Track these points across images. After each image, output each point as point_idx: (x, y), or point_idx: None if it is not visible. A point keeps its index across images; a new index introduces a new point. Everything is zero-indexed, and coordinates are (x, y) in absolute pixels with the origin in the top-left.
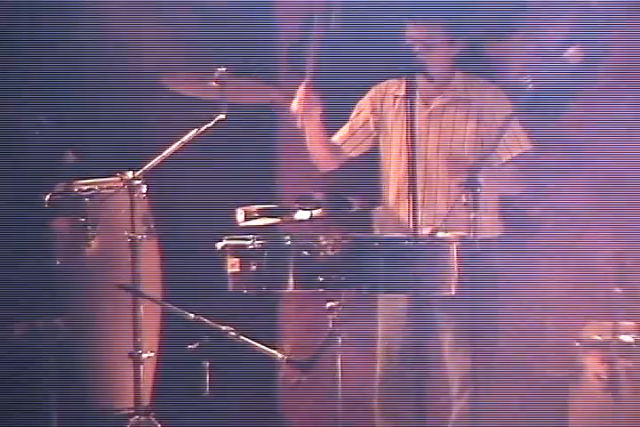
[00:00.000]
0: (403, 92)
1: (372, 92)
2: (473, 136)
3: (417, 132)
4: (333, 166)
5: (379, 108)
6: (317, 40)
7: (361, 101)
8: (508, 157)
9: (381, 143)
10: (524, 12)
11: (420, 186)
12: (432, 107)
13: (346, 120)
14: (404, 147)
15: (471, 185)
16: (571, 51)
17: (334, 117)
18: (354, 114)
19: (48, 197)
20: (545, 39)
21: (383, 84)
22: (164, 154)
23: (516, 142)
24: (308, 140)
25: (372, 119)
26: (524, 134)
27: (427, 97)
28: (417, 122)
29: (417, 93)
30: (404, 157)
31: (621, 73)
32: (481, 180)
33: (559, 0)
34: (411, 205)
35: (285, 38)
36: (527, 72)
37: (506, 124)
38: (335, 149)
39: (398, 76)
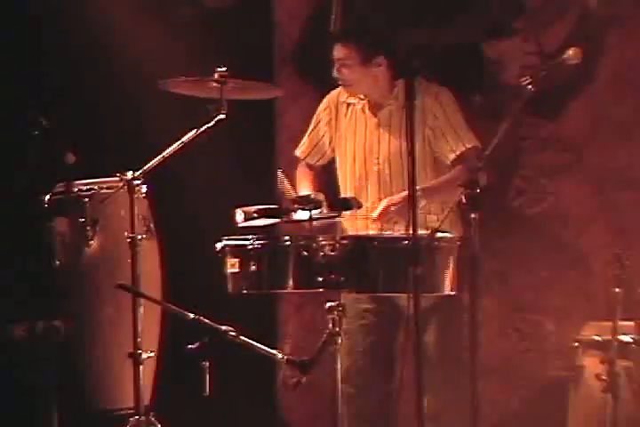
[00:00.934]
0: (354, 100)
1: (325, 103)
2: (420, 139)
3: (415, 136)
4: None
5: (334, 118)
6: None
7: (317, 112)
8: (453, 155)
9: (337, 151)
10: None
11: (374, 192)
12: (379, 116)
13: None
14: (359, 154)
15: (471, 185)
16: (570, 51)
17: None
18: (312, 126)
19: (48, 197)
20: (545, 39)
21: (334, 92)
22: (163, 154)
23: (459, 141)
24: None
25: (328, 131)
26: (467, 132)
27: (374, 106)
28: (415, 124)
29: (366, 103)
30: (359, 165)
31: (621, 73)
32: (482, 180)
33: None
34: (410, 205)
35: (285, 38)
36: (527, 72)
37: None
38: (311, 178)
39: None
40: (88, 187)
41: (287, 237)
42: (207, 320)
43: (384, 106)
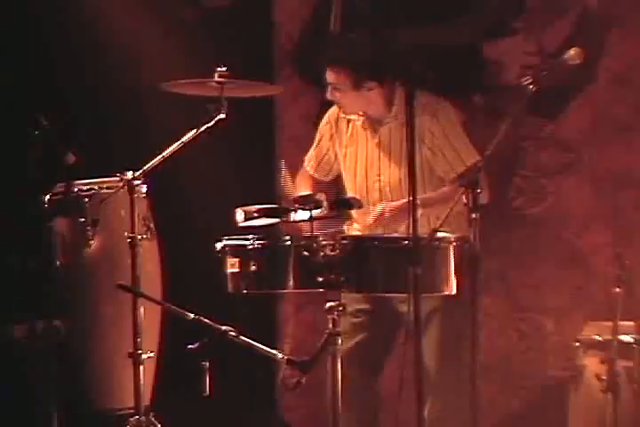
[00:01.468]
0: (354, 116)
1: (325, 118)
2: (418, 158)
3: (416, 146)
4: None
5: (335, 133)
6: None
7: (320, 127)
8: (454, 175)
9: (342, 166)
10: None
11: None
12: (379, 133)
13: None
14: (360, 170)
15: (471, 185)
16: (570, 51)
17: None
18: (316, 141)
19: (48, 197)
20: (545, 39)
21: (335, 108)
22: (163, 154)
23: (459, 160)
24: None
25: (332, 146)
26: (467, 150)
27: (373, 123)
28: (416, 129)
29: (365, 120)
30: (360, 180)
31: (621, 73)
32: (482, 180)
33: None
34: (410, 206)
35: (285, 38)
36: (527, 72)
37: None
38: (311, 184)
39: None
40: (88, 187)
41: (287, 237)
42: (207, 320)
43: (383, 124)
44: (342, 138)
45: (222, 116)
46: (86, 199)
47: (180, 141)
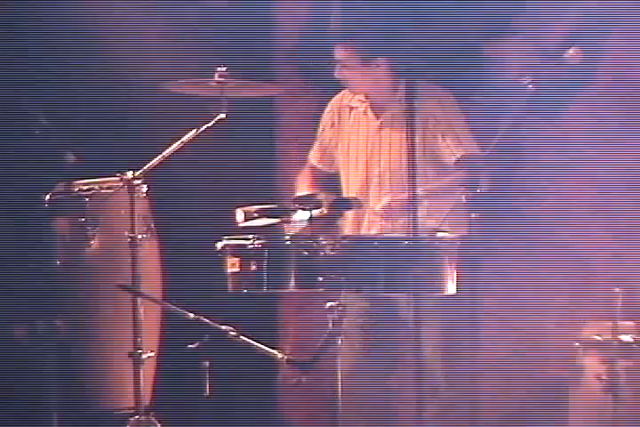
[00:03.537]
0: (356, 103)
1: (328, 106)
2: (421, 144)
3: (415, 138)
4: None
5: (336, 121)
6: None
7: (322, 116)
8: (453, 158)
9: (340, 156)
10: (520, 12)
11: (376, 196)
12: (382, 118)
13: None
14: (361, 157)
15: (471, 185)
16: (570, 51)
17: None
18: (319, 131)
19: (48, 197)
20: (545, 39)
21: (338, 95)
22: (163, 154)
23: (459, 145)
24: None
25: (333, 134)
26: (468, 137)
27: (377, 109)
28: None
29: (368, 106)
30: (361, 168)
31: (620, 73)
32: (483, 179)
33: (559, 0)
34: (410, 206)
35: (285, 38)
36: (527, 72)
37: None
38: (318, 181)
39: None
40: (88, 187)
41: (287, 237)
42: (207, 320)
43: (386, 108)
44: (344, 125)
45: (222, 116)
46: (86, 199)
47: (180, 141)
